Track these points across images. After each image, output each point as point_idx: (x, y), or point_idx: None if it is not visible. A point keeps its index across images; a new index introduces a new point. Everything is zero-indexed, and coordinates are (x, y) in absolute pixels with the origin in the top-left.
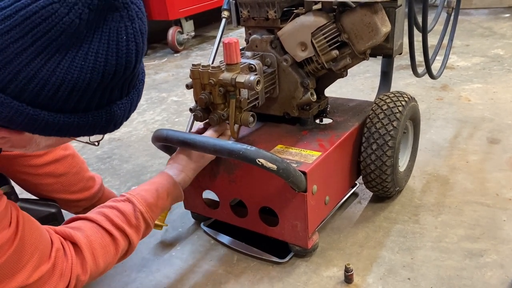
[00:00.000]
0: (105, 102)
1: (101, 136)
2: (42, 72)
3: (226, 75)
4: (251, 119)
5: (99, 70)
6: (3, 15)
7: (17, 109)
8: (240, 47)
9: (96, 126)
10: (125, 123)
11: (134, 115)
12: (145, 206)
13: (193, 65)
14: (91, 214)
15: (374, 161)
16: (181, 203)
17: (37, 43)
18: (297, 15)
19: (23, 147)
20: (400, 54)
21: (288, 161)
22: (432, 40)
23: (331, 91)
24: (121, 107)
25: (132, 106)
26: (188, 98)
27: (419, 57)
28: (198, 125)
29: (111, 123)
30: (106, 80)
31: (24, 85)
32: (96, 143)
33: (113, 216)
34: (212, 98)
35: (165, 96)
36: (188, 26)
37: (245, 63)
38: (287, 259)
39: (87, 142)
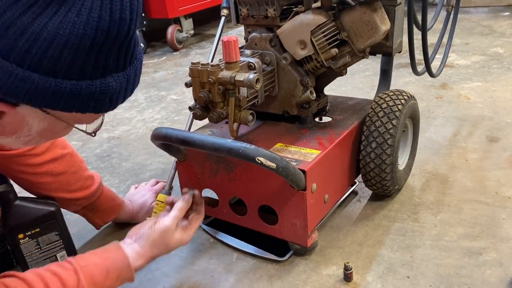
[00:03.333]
0: (100, 72)
1: (97, 123)
2: (33, 27)
3: (225, 74)
4: (250, 117)
5: (92, 26)
6: None
7: (6, 69)
8: (240, 46)
9: (90, 98)
10: (124, 121)
11: (133, 114)
12: (91, 284)
13: (192, 63)
14: (28, 274)
15: (374, 160)
16: None
17: None
18: (297, 13)
19: (14, 133)
20: (400, 52)
21: (287, 159)
22: (432, 39)
23: (330, 90)
24: (117, 80)
25: (128, 84)
26: (188, 97)
27: (419, 56)
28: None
29: (106, 96)
30: (99, 40)
31: (13, 42)
32: (93, 134)
33: (52, 285)
34: (211, 97)
35: (165, 94)
36: (188, 24)
37: (244, 61)
38: (286, 257)
39: (83, 131)
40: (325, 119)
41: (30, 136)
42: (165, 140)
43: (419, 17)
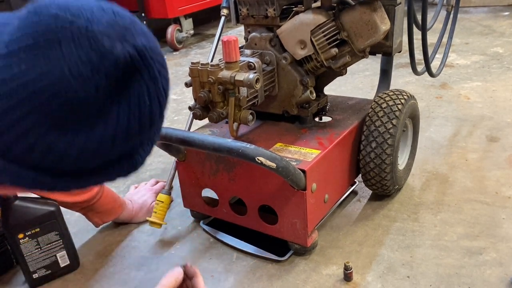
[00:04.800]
0: (128, 154)
1: None
2: (58, 144)
3: (225, 73)
4: (250, 117)
5: (121, 135)
6: (9, 87)
7: (37, 178)
8: (239, 45)
9: (117, 174)
10: None
11: None
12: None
13: (192, 63)
14: None
15: (374, 159)
16: (181, 202)
17: (50, 118)
18: (297, 13)
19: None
20: (400, 52)
21: (287, 159)
22: (432, 38)
23: (330, 89)
24: (142, 155)
25: (154, 144)
26: (187, 97)
27: (419, 55)
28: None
29: (134, 168)
30: (130, 140)
31: (41, 158)
32: None
33: None
34: (211, 96)
35: None
36: (187, 24)
37: (244, 61)
38: (286, 257)
39: None
40: (325, 119)
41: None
42: (165, 140)
43: (419, 17)
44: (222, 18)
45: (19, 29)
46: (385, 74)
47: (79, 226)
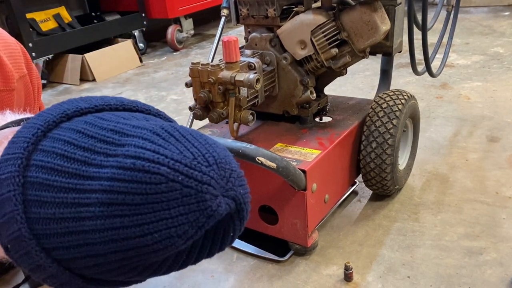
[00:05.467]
0: None
1: None
2: (133, 278)
3: (225, 74)
4: (250, 117)
5: (201, 258)
6: (108, 237)
7: (82, 285)
8: (240, 46)
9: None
10: None
11: None
12: None
13: (192, 63)
14: None
15: (374, 159)
16: None
17: (140, 265)
18: (297, 13)
19: None
20: (400, 52)
21: (287, 159)
22: (432, 39)
23: (330, 90)
24: None
25: None
26: (188, 97)
27: (419, 55)
28: None
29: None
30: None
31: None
32: None
33: None
34: (211, 97)
35: (165, 94)
36: (188, 24)
37: (244, 61)
38: (286, 257)
39: None
40: (325, 119)
41: None
42: None
43: (419, 17)
44: (222, 19)
45: (123, 180)
46: (385, 74)
47: None
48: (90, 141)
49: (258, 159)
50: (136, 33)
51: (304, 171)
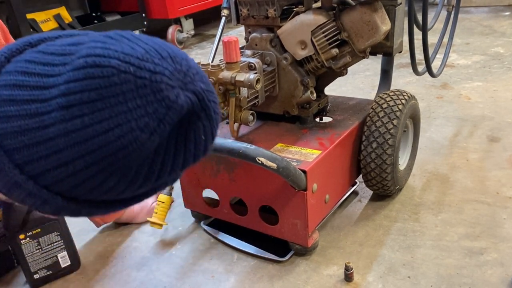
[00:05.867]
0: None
1: None
2: (117, 186)
3: (225, 74)
4: (251, 117)
5: (177, 168)
6: (73, 140)
7: (78, 208)
8: (240, 46)
9: (149, 195)
10: None
11: None
12: None
13: None
14: None
15: (374, 160)
16: (182, 202)
17: (113, 167)
18: (297, 13)
19: None
20: (400, 52)
21: (288, 159)
22: (432, 39)
23: (331, 90)
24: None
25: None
26: None
27: (419, 56)
28: None
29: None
30: (184, 170)
31: (100, 195)
32: None
33: None
34: None
35: None
36: (188, 24)
37: (244, 61)
38: (287, 257)
39: None
40: (326, 119)
41: None
42: None
43: (419, 17)
44: (223, 19)
45: (78, 79)
46: (386, 74)
47: (80, 227)
48: (50, 57)
49: (258, 159)
50: (136, 33)
51: (304, 172)
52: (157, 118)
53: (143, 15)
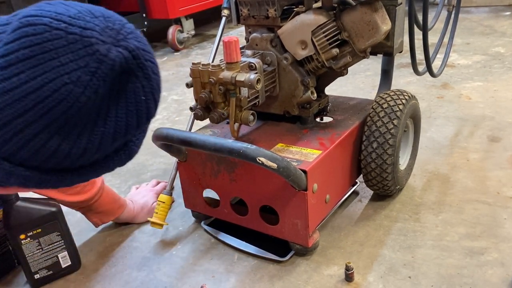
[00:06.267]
0: (122, 144)
1: None
2: (62, 147)
3: (226, 74)
4: (251, 117)
5: (121, 132)
6: (11, 98)
7: (43, 177)
8: (240, 46)
9: (116, 165)
10: None
11: None
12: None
13: (193, 63)
14: None
15: (375, 160)
16: (182, 202)
17: (53, 125)
18: (297, 13)
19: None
20: (401, 52)
21: (288, 159)
22: (433, 39)
23: (331, 90)
24: (138, 144)
25: (145, 133)
26: (189, 97)
27: (420, 56)
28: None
29: (130, 157)
30: (129, 134)
31: (46, 160)
32: None
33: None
34: (212, 97)
35: (165, 95)
36: (188, 24)
37: (245, 61)
38: (287, 257)
39: None
40: (326, 119)
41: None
42: (166, 141)
43: (420, 17)
44: (223, 19)
45: (14, 40)
46: (386, 74)
47: (80, 227)
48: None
49: (259, 159)
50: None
51: (305, 172)
52: (90, 72)
53: (144, 15)
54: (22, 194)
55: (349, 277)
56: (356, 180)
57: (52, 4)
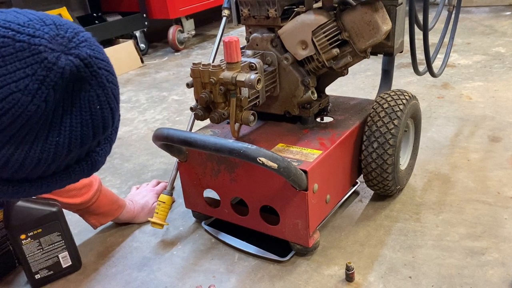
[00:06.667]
0: (84, 155)
1: None
2: (15, 157)
3: (226, 74)
4: (251, 118)
5: (77, 142)
6: None
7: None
8: (241, 46)
9: (79, 176)
10: (126, 122)
11: (135, 114)
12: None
13: (193, 64)
14: None
15: (375, 160)
16: (183, 202)
17: (3, 134)
18: (298, 13)
19: None
20: (401, 52)
21: (289, 159)
22: (433, 38)
23: (332, 90)
24: (102, 155)
25: (112, 144)
26: (189, 97)
27: (420, 55)
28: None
29: (94, 168)
30: (85, 144)
31: (9, 171)
32: None
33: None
34: (212, 97)
35: (166, 95)
36: (189, 25)
37: (245, 61)
38: (288, 257)
39: None
40: (327, 119)
41: None
42: (166, 141)
43: (420, 17)
44: (224, 19)
45: None
46: (387, 74)
47: (81, 227)
48: None
49: (259, 159)
50: (137, 33)
51: (305, 172)
52: (38, 80)
53: (144, 15)
54: None
55: (349, 277)
56: (357, 180)
57: (4, 12)
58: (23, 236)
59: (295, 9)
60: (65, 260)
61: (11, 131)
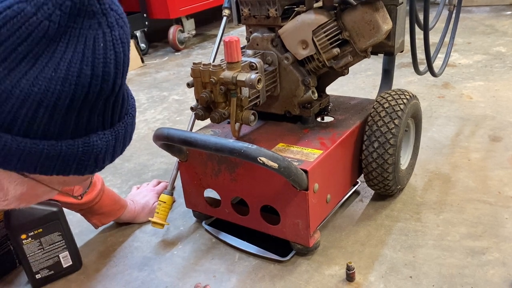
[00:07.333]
0: (83, 130)
1: (85, 185)
2: (4, 84)
3: (227, 74)
4: (252, 117)
5: (71, 82)
6: None
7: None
8: (241, 46)
9: (71, 159)
10: None
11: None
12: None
13: (194, 63)
14: None
15: (376, 159)
16: (183, 202)
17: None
18: (298, 13)
19: None
20: (402, 52)
21: (289, 159)
22: (434, 38)
23: (332, 89)
24: (102, 138)
25: (117, 142)
26: (189, 97)
27: (421, 55)
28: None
29: (91, 157)
30: (80, 95)
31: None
32: (80, 197)
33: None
34: (213, 97)
35: (166, 94)
36: (189, 24)
37: (246, 61)
38: (288, 257)
39: (69, 195)
40: (327, 119)
41: (7, 201)
42: (167, 141)
43: (421, 17)
44: (224, 19)
45: None
46: (387, 74)
47: (81, 227)
48: None
49: (260, 159)
50: (137, 33)
51: (306, 171)
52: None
53: (144, 15)
54: None
55: (350, 277)
56: (357, 180)
57: None
58: (23, 236)
59: (296, 9)
60: (65, 260)
61: (8, 48)
